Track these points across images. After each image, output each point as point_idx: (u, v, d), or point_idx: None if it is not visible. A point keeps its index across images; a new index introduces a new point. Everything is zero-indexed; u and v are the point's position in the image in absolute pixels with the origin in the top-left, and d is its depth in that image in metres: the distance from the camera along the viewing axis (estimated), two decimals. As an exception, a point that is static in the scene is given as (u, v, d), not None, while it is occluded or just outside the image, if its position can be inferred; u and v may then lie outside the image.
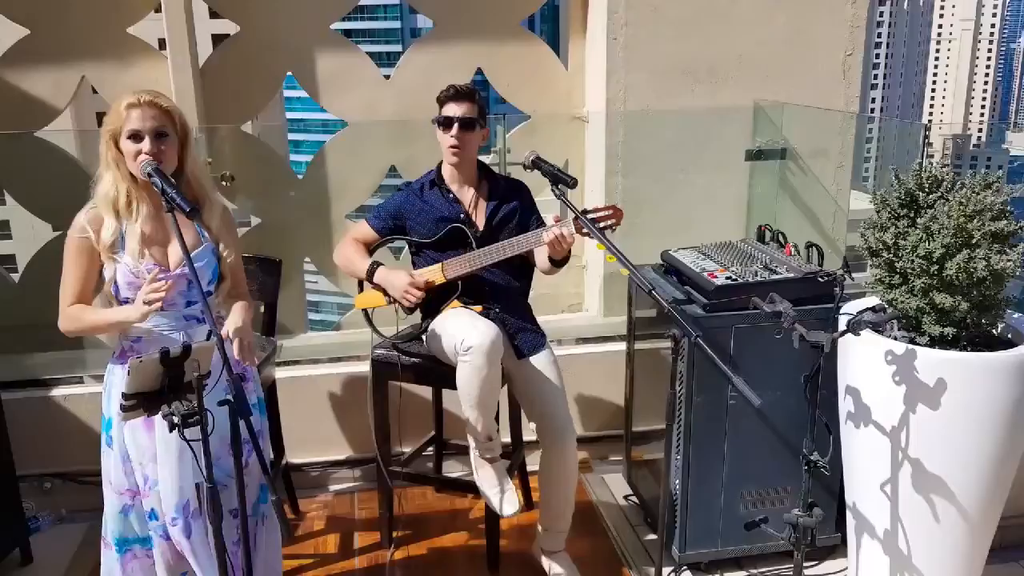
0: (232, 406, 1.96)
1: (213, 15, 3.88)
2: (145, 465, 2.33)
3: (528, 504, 3.42)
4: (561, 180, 2.58)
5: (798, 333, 2.11)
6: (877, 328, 2.40)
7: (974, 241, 2.23)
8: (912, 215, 2.39)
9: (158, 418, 2.07)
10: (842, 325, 2.31)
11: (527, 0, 3.95)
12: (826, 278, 2.67)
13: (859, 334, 2.24)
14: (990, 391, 2.29)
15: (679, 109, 3.70)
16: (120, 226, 2.26)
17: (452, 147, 2.84)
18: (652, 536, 3.25)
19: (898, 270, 2.37)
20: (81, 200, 2.34)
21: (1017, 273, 2.29)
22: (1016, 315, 2.52)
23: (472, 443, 2.85)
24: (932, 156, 3.21)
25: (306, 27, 3.82)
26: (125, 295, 2.28)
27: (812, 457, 2.25)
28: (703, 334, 2.21)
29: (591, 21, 3.81)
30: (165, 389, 1.93)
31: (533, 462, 3.21)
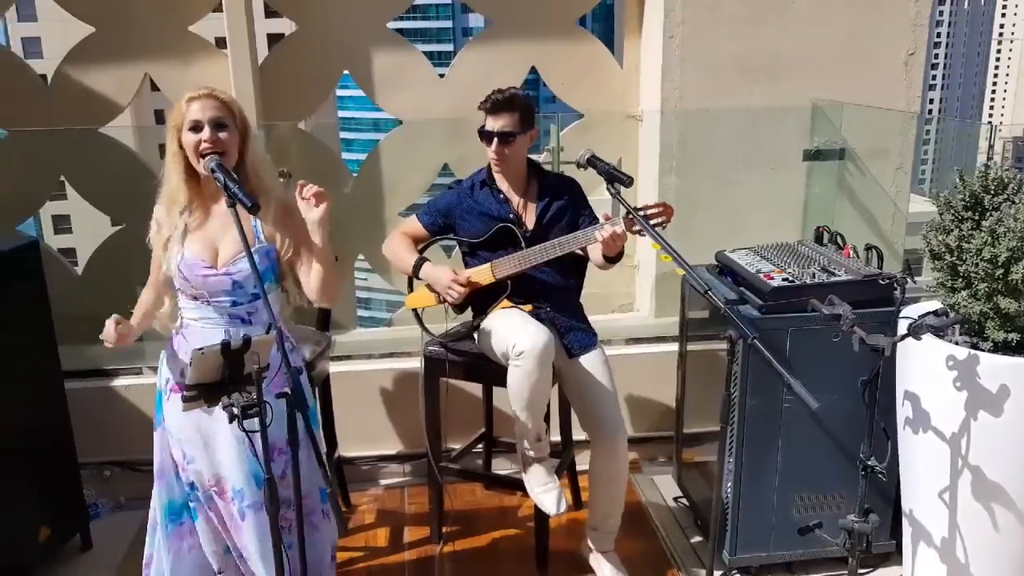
0: (290, 399, 2.00)
1: (269, 14, 3.94)
2: (183, 442, 2.38)
3: (577, 503, 3.42)
4: (616, 178, 2.57)
5: (858, 336, 2.08)
6: (938, 333, 2.35)
7: (1042, 245, 2.18)
8: (977, 218, 2.34)
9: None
10: (902, 329, 2.27)
11: (581, -1, 3.95)
12: (887, 280, 2.62)
13: (920, 338, 2.19)
14: (1055, 399, 2.23)
15: (735, 108, 3.66)
16: (177, 222, 2.31)
17: (493, 159, 2.86)
18: (701, 539, 3.23)
19: (961, 273, 2.32)
20: (141, 195, 2.41)
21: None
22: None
23: (521, 442, 2.87)
24: (992, 158, 3.13)
25: (363, 26, 3.86)
26: (178, 286, 2.34)
27: (869, 462, 2.21)
28: (759, 336, 2.18)
29: (647, 19, 3.79)
30: (226, 381, 1.97)
31: (583, 461, 3.22)
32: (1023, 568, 2.42)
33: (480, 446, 3.57)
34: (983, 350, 2.32)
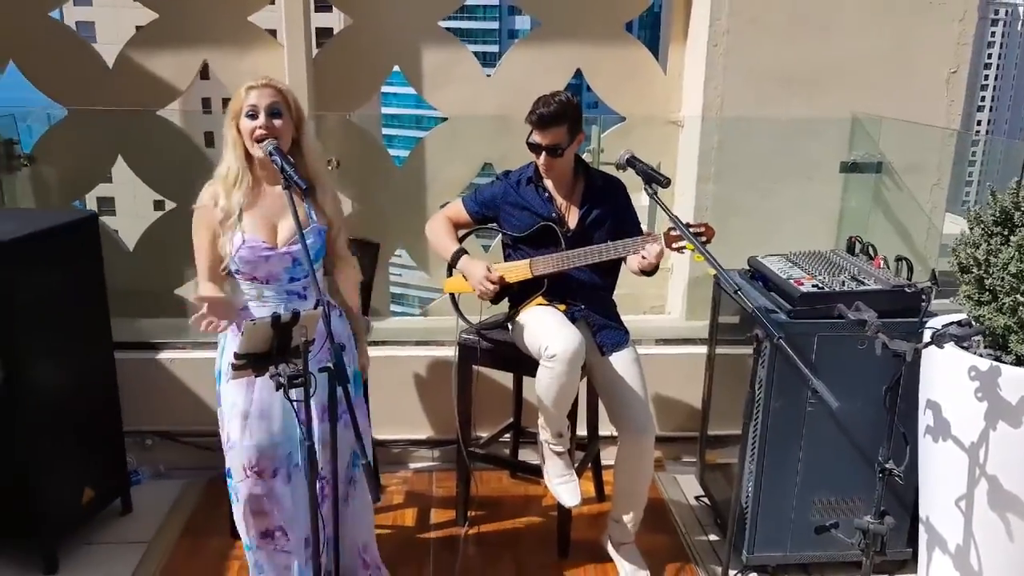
0: (331, 372, 2.12)
1: (319, 8, 4.07)
2: (230, 421, 2.50)
3: (600, 496, 3.51)
4: (654, 179, 2.64)
5: (881, 340, 2.14)
6: (961, 343, 2.40)
7: (1068, 262, 2.22)
8: (1006, 233, 2.39)
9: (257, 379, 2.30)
10: (926, 338, 2.33)
11: (630, 4, 4.03)
12: (914, 290, 2.67)
13: (943, 346, 2.25)
14: (1075, 413, 2.28)
15: (775, 117, 3.72)
16: (234, 203, 2.43)
17: (543, 168, 2.92)
18: (720, 537, 3.29)
19: (988, 287, 2.37)
20: (193, 176, 2.54)
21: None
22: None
23: (542, 433, 2.96)
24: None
25: (414, 22, 3.98)
26: (237, 268, 2.45)
27: (887, 465, 2.27)
28: (784, 336, 2.25)
29: (692, 27, 3.87)
30: (273, 352, 2.08)
31: (607, 456, 3.30)
32: (1036, 578, 2.46)
33: (507, 435, 3.67)
34: (1006, 363, 2.37)
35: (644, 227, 3.12)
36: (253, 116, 2.37)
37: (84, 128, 4.05)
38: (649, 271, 2.83)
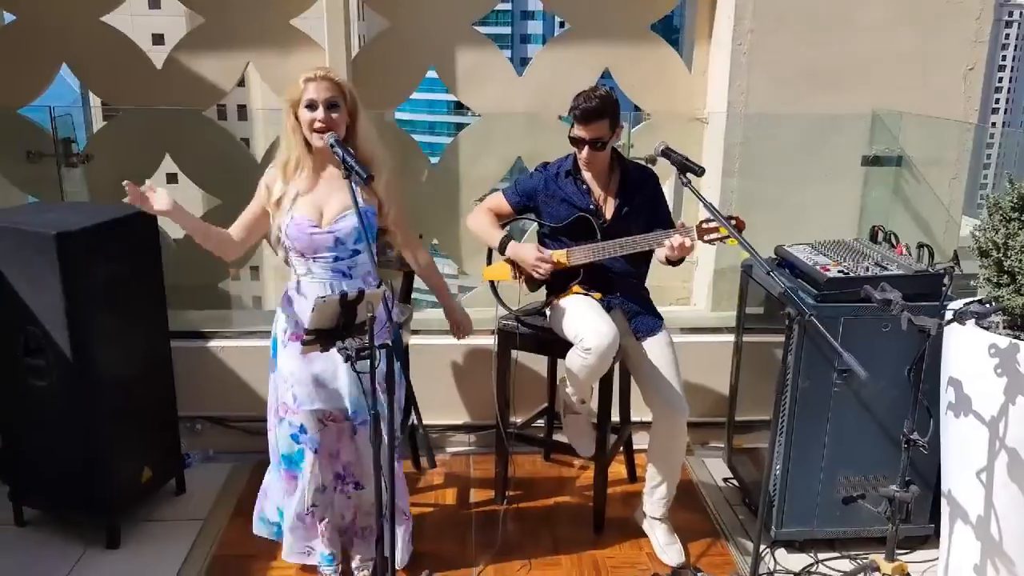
0: (390, 349, 2.28)
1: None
2: (295, 385, 2.69)
3: (632, 478, 3.66)
4: (689, 168, 2.78)
5: (906, 316, 2.28)
6: (981, 321, 2.54)
7: (1082, 244, 2.36)
8: (1023, 219, 2.52)
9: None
10: (948, 316, 2.47)
11: (656, 5, 4.18)
12: (936, 272, 2.81)
13: (964, 323, 2.39)
14: (1089, 387, 2.42)
15: (798, 113, 3.86)
16: (288, 186, 2.61)
17: (584, 161, 3.05)
18: (747, 516, 3.43)
19: (1006, 269, 2.51)
20: (237, 175, 2.72)
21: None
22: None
23: (564, 388, 3.21)
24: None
25: (449, 25, 4.13)
26: (289, 244, 2.65)
27: (912, 436, 2.41)
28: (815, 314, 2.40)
29: (717, 27, 4.02)
30: (340, 328, 2.24)
31: (639, 441, 3.46)
32: (1053, 545, 2.59)
33: (541, 421, 3.81)
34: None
35: (674, 215, 3.27)
36: (312, 108, 2.54)
37: (134, 127, 4.23)
38: (676, 261, 2.98)
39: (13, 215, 3.20)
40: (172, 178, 3.95)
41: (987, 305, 2.48)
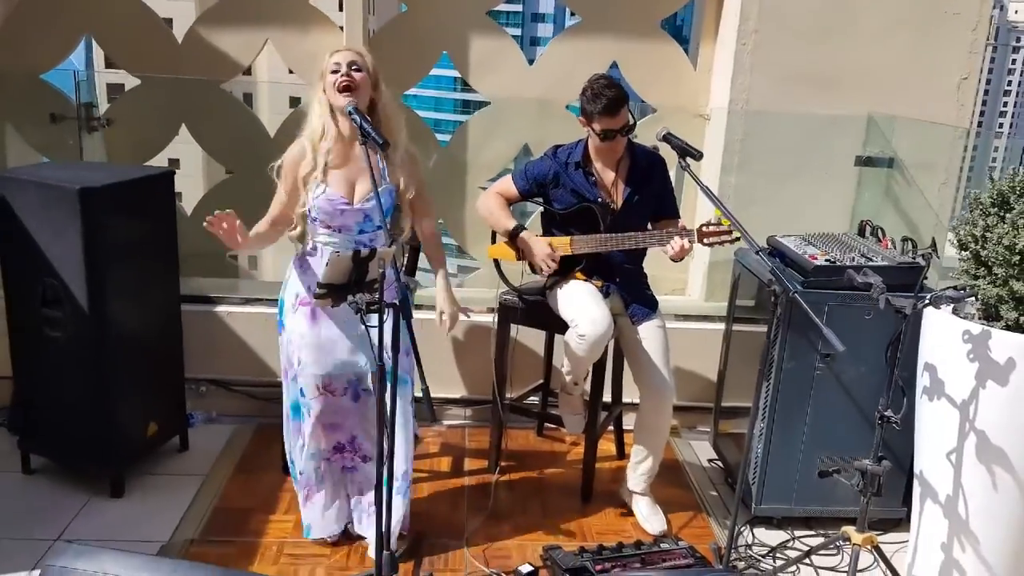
0: (396, 308, 2.40)
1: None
2: (300, 348, 2.81)
3: (620, 454, 3.79)
4: (688, 153, 2.90)
5: (885, 298, 2.42)
6: (958, 310, 2.68)
7: (1055, 238, 2.50)
8: (1002, 214, 2.66)
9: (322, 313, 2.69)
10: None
11: (665, 2, 4.31)
12: (917, 259, 2.95)
13: (939, 307, 2.53)
14: (1056, 374, 2.55)
15: (797, 113, 3.99)
16: (320, 156, 2.73)
17: (611, 151, 3.14)
18: (731, 494, 3.56)
19: (983, 260, 2.64)
20: (250, 148, 2.83)
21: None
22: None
23: (563, 377, 3.36)
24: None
25: (465, 11, 4.26)
26: (316, 216, 2.76)
27: (886, 413, 2.55)
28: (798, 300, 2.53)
29: (723, 26, 4.15)
30: (351, 283, 2.37)
31: (628, 422, 3.59)
32: (1019, 524, 2.72)
33: (535, 398, 3.94)
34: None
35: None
36: (336, 72, 2.68)
37: (152, 97, 4.35)
38: (676, 259, 3.09)
39: (38, 171, 3.34)
40: (175, 163, 4.07)
41: (962, 291, 2.61)
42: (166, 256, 3.49)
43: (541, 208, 3.36)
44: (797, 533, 3.28)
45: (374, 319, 2.30)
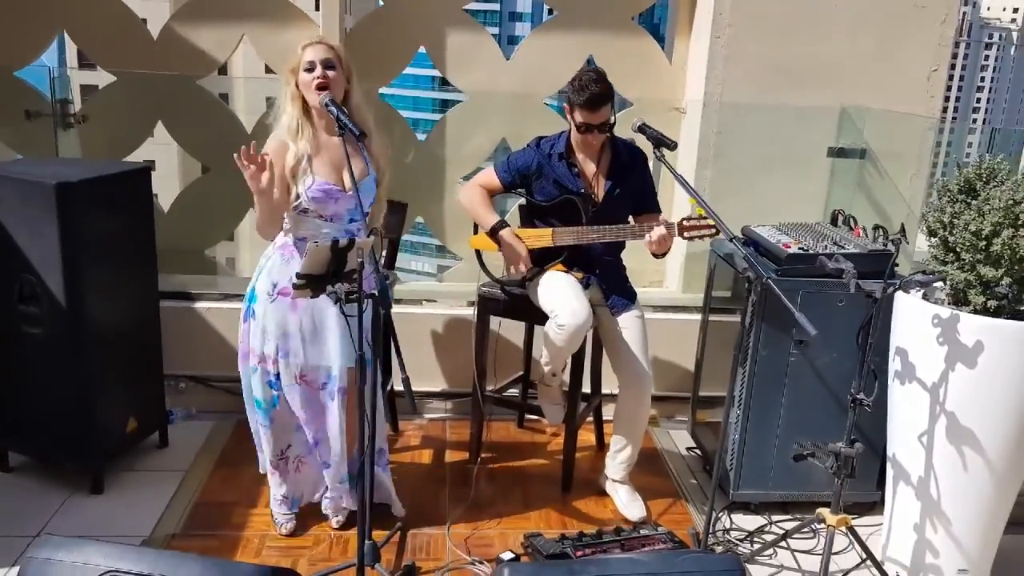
0: (375, 298, 2.43)
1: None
2: (279, 338, 2.82)
3: (600, 445, 3.83)
4: (663, 143, 2.94)
5: (855, 282, 2.47)
6: (928, 295, 2.73)
7: (1020, 222, 2.55)
8: (969, 200, 2.71)
9: (302, 303, 2.67)
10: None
11: (640, -2, 4.36)
12: (888, 244, 3.01)
13: (909, 291, 2.58)
14: (1021, 356, 2.61)
15: (770, 106, 4.04)
16: (301, 150, 2.74)
17: (591, 143, 3.16)
18: (708, 481, 3.60)
19: (951, 246, 2.70)
20: (227, 144, 2.82)
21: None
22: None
23: (542, 368, 3.41)
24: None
25: (442, 7, 4.27)
26: (308, 207, 2.77)
27: (859, 396, 2.60)
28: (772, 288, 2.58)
29: (697, 20, 4.20)
30: (330, 274, 2.39)
31: (607, 413, 3.63)
32: (988, 504, 2.78)
33: (515, 390, 3.97)
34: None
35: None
36: (310, 70, 2.69)
37: (128, 94, 4.34)
38: (658, 254, 3.12)
39: (13, 167, 3.33)
40: (150, 165, 4.07)
41: (931, 275, 2.67)
42: (144, 252, 3.48)
43: (521, 201, 3.38)
44: (774, 517, 3.33)
45: (353, 308, 2.33)
